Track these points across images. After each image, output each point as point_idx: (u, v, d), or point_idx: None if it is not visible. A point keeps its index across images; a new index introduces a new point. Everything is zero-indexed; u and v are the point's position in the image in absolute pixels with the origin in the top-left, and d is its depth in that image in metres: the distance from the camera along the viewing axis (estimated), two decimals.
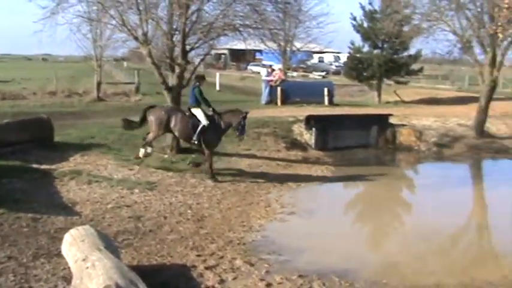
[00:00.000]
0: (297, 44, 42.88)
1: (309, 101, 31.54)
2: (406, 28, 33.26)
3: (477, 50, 27.44)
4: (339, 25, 73.08)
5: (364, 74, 38.94)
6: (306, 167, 19.67)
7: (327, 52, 66.70)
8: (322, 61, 70.67)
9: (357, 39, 39.56)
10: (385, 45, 38.28)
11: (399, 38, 33.76)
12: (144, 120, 16.98)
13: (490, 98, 26.96)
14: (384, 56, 37.94)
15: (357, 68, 39.43)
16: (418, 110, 31.23)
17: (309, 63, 65.96)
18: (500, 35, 15.92)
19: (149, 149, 16.97)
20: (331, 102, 32.50)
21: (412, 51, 38.66)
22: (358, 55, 39.64)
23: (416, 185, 18.30)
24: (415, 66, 40.30)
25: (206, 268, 10.23)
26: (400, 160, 23.04)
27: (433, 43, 36.95)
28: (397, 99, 39.08)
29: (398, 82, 40.13)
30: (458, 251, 12.89)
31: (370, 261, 11.53)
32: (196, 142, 16.74)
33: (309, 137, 22.65)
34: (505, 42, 24.47)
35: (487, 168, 23.19)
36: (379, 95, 38.97)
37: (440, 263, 11.60)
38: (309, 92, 33.05)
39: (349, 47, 40.36)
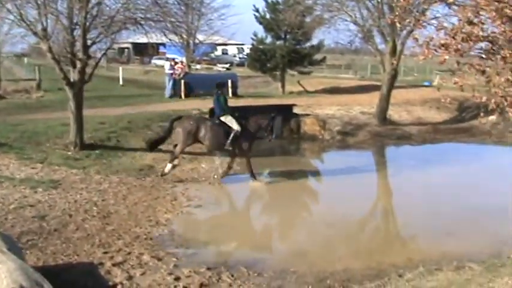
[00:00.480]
0: (200, 37, 42.88)
1: (213, 93, 31.58)
2: (308, 19, 34.12)
3: (378, 39, 28.63)
4: (241, 17, 73.28)
5: (268, 65, 39.42)
6: (211, 159, 19.79)
7: (230, 44, 67.07)
8: (226, 53, 71.02)
9: (260, 30, 39.96)
10: (288, 36, 38.88)
11: (301, 29, 34.51)
12: (170, 131, 17.16)
13: (391, 86, 28.14)
14: (286, 47, 38.56)
15: (260, 59, 39.85)
16: (322, 100, 32.09)
17: (212, 55, 66.00)
18: (398, 25, 16.59)
19: (176, 161, 17.07)
20: (235, 94, 32.75)
21: (314, 41, 39.55)
22: (261, 46, 40.07)
23: (322, 174, 18.88)
24: (317, 57, 41.21)
25: (114, 265, 10.24)
26: (305, 149, 23.64)
27: (334, 33, 38.10)
28: (301, 89, 39.86)
29: (301, 72, 40.89)
30: (365, 236, 13.49)
31: (278, 251, 11.91)
32: (230, 149, 17.04)
33: None
34: (404, 32, 25.48)
35: (390, 154, 24.21)
36: (283, 86, 39.61)
37: (347, 249, 12.12)
38: (213, 84, 32.95)
39: (252, 39, 40.77)
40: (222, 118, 16.98)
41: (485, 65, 8.50)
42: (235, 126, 16.93)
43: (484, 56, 8.73)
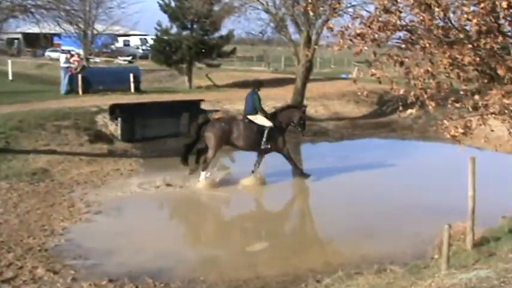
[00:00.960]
0: (99, 27, 42.01)
1: (114, 88, 31.07)
2: (216, 7, 34.07)
3: (292, 29, 28.90)
4: (144, 5, 72.23)
5: (173, 57, 39.08)
6: (113, 160, 19.47)
7: (132, 35, 66.07)
8: (128, 45, 69.97)
9: (165, 20, 39.51)
10: (195, 26, 38.69)
11: (209, 18, 34.44)
12: (199, 136, 17.44)
13: (306, 79, 28.49)
14: (193, 38, 38.36)
15: (165, 52, 39.45)
16: (232, 94, 32.06)
17: (113, 47, 64.88)
18: (311, 13, 16.77)
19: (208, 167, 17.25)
20: (137, 89, 32.25)
21: (223, 31, 39.57)
22: (165, 37, 39.64)
23: (233, 174, 18.82)
24: (227, 48, 41.23)
25: (3, 281, 9.87)
26: None
27: (245, 23, 38.22)
28: (210, 83, 39.79)
29: (210, 65, 40.81)
30: (280, 240, 13.51)
31: (186, 259, 11.77)
32: (269, 146, 17.36)
33: (114, 128, 22.41)
34: (320, 21, 25.81)
35: (305, 152, 24.46)
36: (190, 80, 39.40)
37: (261, 254, 12.14)
38: (114, 78, 32.52)
39: (156, 29, 40.31)
40: (251, 117, 17.42)
41: (403, 55, 8.65)
42: (267, 123, 17.41)
43: (402, 46, 8.89)
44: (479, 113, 8.47)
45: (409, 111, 8.47)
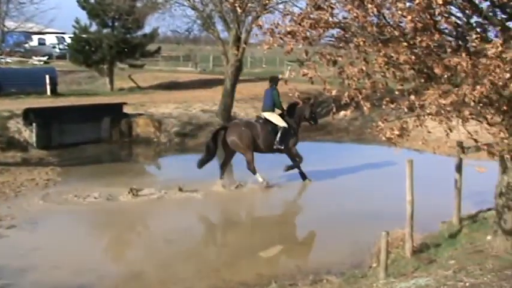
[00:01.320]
0: (10, 24, 41.01)
1: (28, 91, 30.44)
2: (139, 3, 33.71)
3: (220, 26, 28.83)
4: (60, 0, 70.80)
5: (93, 57, 38.49)
6: (27, 170, 19.02)
7: (48, 33, 64.76)
8: (44, 43, 68.45)
9: (83, 16, 38.85)
10: (116, 24, 38.22)
11: (132, 15, 33.99)
12: (216, 143, 18.17)
13: (236, 80, 28.46)
14: (115, 36, 37.88)
15: (84, 51, 38.81)
16: (157, 97, 31.87)
17: (27, 46, 63.46)
18: (240, 10, 16.83)
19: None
20: (54, 92, 31.67)
21: (147, 29, 39.23)
22: (84, 36, 38.99)
23: (158, 182, 18.62)
24: (151, 47, 40.89)
25: None
26: (138, 154, 23.35)
27: (170, 20, 37.90)
28: (133, 85, 39.36)
29: (133, 66, 40.37)
30: (210, 252, 13.48)
31: (108, 274, 11.56)
32: (282, 147, 17.77)
33: (29, 134, 21.91)
34: (250, 18, 25.83)
35: (236, 157, 24.35)
36: (112, 81, 38.88)
37: (189, 268, 12.01)
38: (28, 80, 31.87)
39: (74, 27, 39.60)
40: (266, 115, 17.89)
41: (337, 54, 8.67)
42: (281, 123, 17.85)
43: (335, 44, 8.91)
44: (416, 113, 8.56)
45: (343, 113, 8.48)
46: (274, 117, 17.97)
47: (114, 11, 35.25)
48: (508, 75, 7.65)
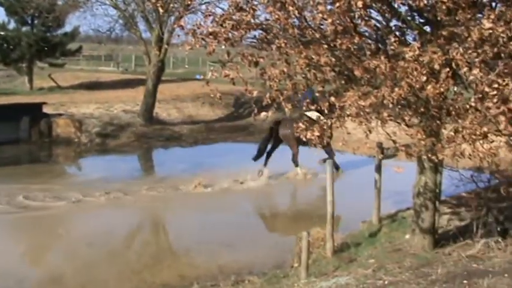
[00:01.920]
0: None
1: None
2: (60, 1, 33.06)
3: (142, 26, 28.58)
4: None
5: (11, 55, 37.64)
6: None
7: None
8: None
9: (1, 14, 38.00)
10: (36, 22, 37.48)
11: (52, 13, 33.31)
12: (271, 135, 19.48)
13: (158, 80, 28.27)
14: (34, 34, 37.13)
15: (2, 49, 37.93)
16: (78, 97, 31.38)
17: None
18: (161, 10, 16.69)
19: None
20: None
21: (68, 28, 38.57)
22: (2, 33, 38.12)
23: (78, 184, 18.27)
24: (72, 46, 40.25)
25: None
26: (58, 155, 22.88)
27: (92, 19, 37.29)
28: (53, 84, 38.64)
29: (53, 65, 39.67)
30: (131, 254, 13.28)
31: (27, 278, 11.29)
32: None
33: None
34: (172, 18, 25.69)
35: (158, 158, 24.25)
36: (31, 81, 38.10)
37: (110, 270, 11.84)
38: None
39: None
40: (309, 114, 17.45)
41: (258, 55, 8.69)
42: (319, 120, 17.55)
43: (257, 45, 8.93)
44: (336, 115, 8.67)
45: (264, 114, 8.52)
46: (315, 115, 17.94)
47: (33, 8, 34.44)
48: (424, 78, 7.82)
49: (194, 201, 16.78)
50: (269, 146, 19.77)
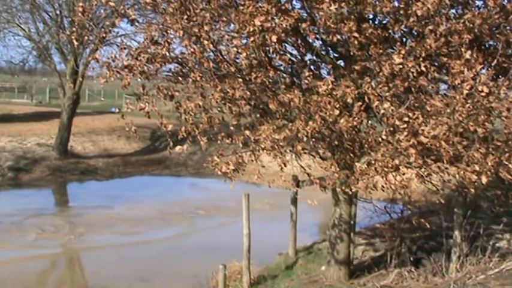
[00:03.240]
0: None
1: None
2: None
3: (57, 58, 28.08)
4: None
5: None
6: None
7: None
8: None
9: None
10: None
11: None
12: None
13: (73, 113, 27.76)
14: None
15: None
16: None
17: None
18: (75, 42, 16.48)
19: None
20: None
21: None
22: None
23: None
24: None
25: None
26: None
27: (4, 50, 36.34)
28: None
29: None
30: None
31: None
32: None
33: None
34: (88, 50, 25.42)
35: (72, 192, 23.73)
36: None
37: None
38: None
39: None
40: None
41: (174, 89, 8.65)
42: None
43: (172, 79, 8.89)
44: (251, 148, 8.69)
45: (179, 147, 8.47)
46: None
47: None
48: (338, 112, 7.95)
49: (110, 235, 16.48)
50: None
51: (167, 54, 8.43)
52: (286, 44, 8.92)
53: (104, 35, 11.12)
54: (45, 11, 26.49)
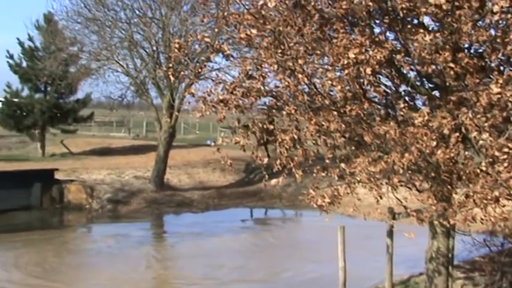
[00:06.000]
0: None
1: None
2: (72, 69, 33.48)
3: (153, 92, 28.83)
4: None
5: (25, 122, 37.91)
6: None
7: None
8: None
9: (15, 81, 38.29)
10: (49, 89, 37.86)
11: (65, 80, 33.73)
12: None
13: (169, 146, 28.36)
14: (47, 101, 37.45)
15: (16, 116, 38.23)
16: (89, 163, 31.47)
17: None
18: (172, 77, 16.94)
19: None
20: None
21: (80, 95, 38.88)
22: (16, 100, 38.47)
23: (88, 250, 18.24)
24: (84, 112, 40.53)
25: None
26: (70, 221, 22.87)
27: (103, 86, 37.52)
28: (65, 150, 38.83)
29: (65, 131, 39.88)
30: None
31: None
32: None
33: None
34: (183, 84, 25.92)
35: (169, 224, 24.18)
36: (43, 147, 38.27)
37: None
38: None
39: (5, 91, 39.02)
40: None
41: (269, 122, 8.75)
42: None
43: (267, 112, 9.00)
44: (347, 181, 8.67)
45: (274, 180, 8.55)
46: None
47: (46, 76, 34.87)
48: (434, 143, 7.83)
49: (204, 266, 16.66)
50: None
51: (262, 88, 8.54)
52: (381, 76, 8.88)
53: (200, 70, 11.35)
54: (143, 48, 27.32)
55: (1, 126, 42.13)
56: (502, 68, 8.60)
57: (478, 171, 7.96)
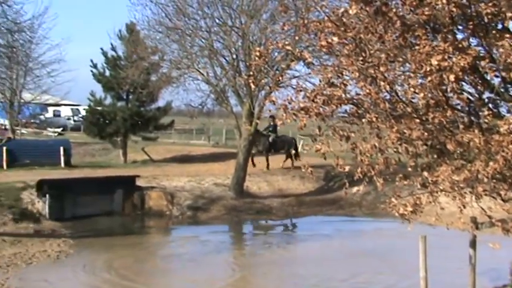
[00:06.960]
0: (27, 96, 41.59)
1: (42, 162, 30.59)
2: (153, 77, 34.13)
3: (233, 100, 29.06)
4: (76, 73, 71.67)
5: (107, 129, 38.73)
6: (39, 241, 18.99)
7: (64, 105, 65.39)
8: (59, 115, 68.96)
9: (98, 89, 39.23)
10: (131, 97, 38.56)
11: (146, 89, 34.39)
12: None
13: (249, 154, 28.51)
14: (129, 109, 38.19)
15: (99, 123, 39.11)
16: (170, 170, 31.92)
17: (42, 117, 64.11)
18: (252, 85, 17.09)
19: None
20: (68, 164, 31.81)
21: (160, 103, 39.48)
22: (99, 108, 39.37)
23: (169, 256, 18.53)
24: (165, 120, 41.15)
25: None
26: (151, 227, 23.29)
27: (184, 94, 38.01)
28: (146, 157, 39.47)
29: (146, 138, 40.55)
30: None
31: None
32: None
33: (42, 205, 21.92)
34: (263, 92, 26.04)
35: (248, 231, 24.33)
36: (125, 154, 39.02)
37: None
38: (42, 152, 32.08)
39: (89, 99, 40.00)
40: None
41: (349, 130, 8.76)
42: None
43: (348, 120, 9.00)
44: (429, 190, 8.58)
45: (356, 188, 8.54)
46: None
47: (128, 84, 35.59)
48: None
49: (286, 274, 16.68)
50: None
51: (343, 95, 8.55)
52: (464, 83, 8.76)
53: (280, 78, 11.45)
54: (223, 56, 27.58)
55: (85, 133, 43.33)
56: None
57: None
